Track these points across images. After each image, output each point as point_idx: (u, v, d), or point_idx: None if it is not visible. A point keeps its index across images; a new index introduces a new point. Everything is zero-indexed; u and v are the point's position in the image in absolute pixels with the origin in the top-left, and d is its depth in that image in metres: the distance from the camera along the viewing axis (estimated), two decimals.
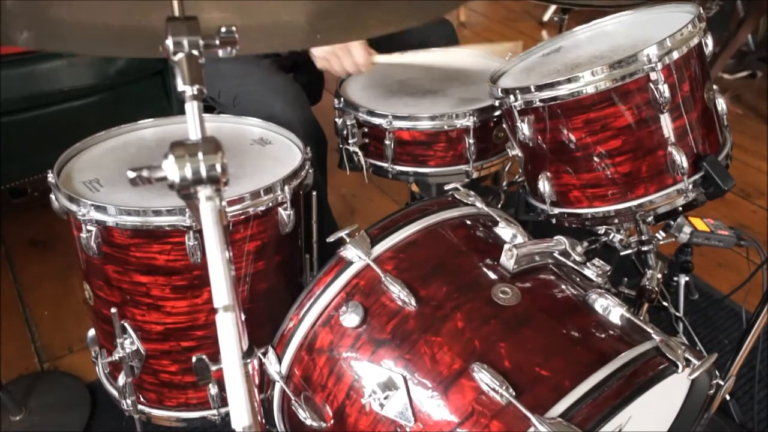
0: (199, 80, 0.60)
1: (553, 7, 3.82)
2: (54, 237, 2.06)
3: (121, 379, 1.14)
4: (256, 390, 0.78)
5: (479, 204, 1.08)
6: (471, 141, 1.36)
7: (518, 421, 0.76)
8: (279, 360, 0.99)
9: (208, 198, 0.58)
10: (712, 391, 0.97)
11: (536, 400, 0.78)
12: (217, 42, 0.64)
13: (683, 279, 1.63)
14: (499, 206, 1.25)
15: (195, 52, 0.61)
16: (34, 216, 2.12)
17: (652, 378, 0.81)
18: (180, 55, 0.61)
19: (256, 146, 1.28)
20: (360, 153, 1.42)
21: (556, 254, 1.01)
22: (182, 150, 0.57)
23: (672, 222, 1.51)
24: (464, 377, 0.83)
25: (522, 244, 0.97)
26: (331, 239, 1.01)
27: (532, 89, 1.13)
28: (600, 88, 1.08)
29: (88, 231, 1.04)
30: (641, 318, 0.93)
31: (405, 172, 1.43)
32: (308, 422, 0.93)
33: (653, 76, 1.07)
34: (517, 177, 1.41)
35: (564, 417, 0.76)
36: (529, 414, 0.75)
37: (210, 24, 0.62)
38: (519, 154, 1.28)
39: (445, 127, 1.36)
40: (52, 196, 1.10)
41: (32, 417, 1.49)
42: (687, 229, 1.50)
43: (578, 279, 0.99)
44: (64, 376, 1.61)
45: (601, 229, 1.40)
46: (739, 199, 2.32)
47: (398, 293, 0.91)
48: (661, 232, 1.50)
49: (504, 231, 1.05)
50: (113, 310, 1.06)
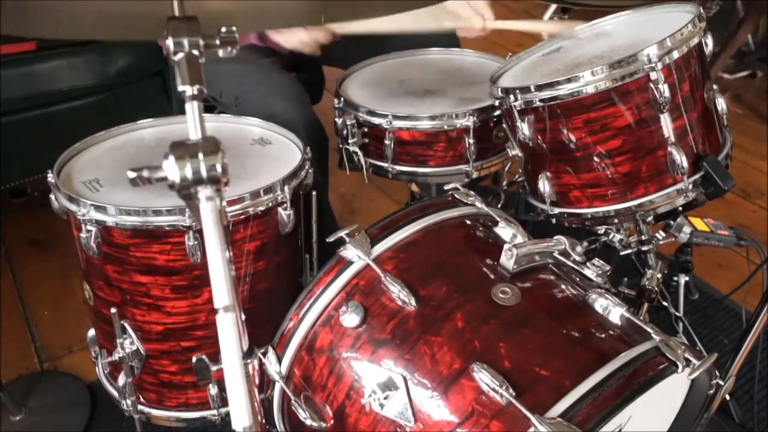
0: (199, 80, 0.60)
1: (553, 7, 3.82)
2: (54, 237, 2.06)
3: (121, 379, 1.14)
4: (256, 390, 0.78)
5: (479, 204, 1.08)
6: (471, 141, 1.36)
7: (518, 421, 0.76)
8: (279, 360, 0.99)
9: (209, 198, 0.58)
10: (712, 391, 0.97)
11: (536, 400, 0.78)
12: (217, 42, 0.64)
13: (683, 279, 1.63)
14: (499, 206, 1.25)
15: (195, 52, 0.61)
16: (34, 216, 2.12)
17: (652, 378, 0.81)
18: (180, 55, 0.61)
19: (257, 146, 1.28)
20: (360, 153, 1.42)
21: (556, 254, 1.01)
22: (182, 150, 0.57)
23: (672, 222, 1.51)
24: (464, 377, 0.83)
25: (522, 244, 0.97)
26: (331, 239, 1.01)
27: (532, 89, 1.13)
28: (600, 88, 1.08)
29: (88, 231, 1.04)
30: (641, 318, 0.93)
31: (405, 172, 1.43)
32: (308, 422, 0.93)
33: (653, 76, 1.07)
34: (517, 177, 1.40)
35: (564, 417, 0.76)
36: (529, 414, 0.75)
37: (214, 7, 0.61)
38: (519, 154, 1.28)
39: (445, 127, 1.36)
40: (52, 196, 1.10)
41: (32, 417, 1.49)
42: (687, 229, 1.50)
43: (578, 279, 0.99)
44: (64, 376, 1.61)
45: (601, 229, 1.40)
46: (739, 199, 2.32)
47: (398, 293, 0.91)
48: (661, 232, 1.50)
49: (504, 231, 1.05)
50: (113, 310, 1.06)
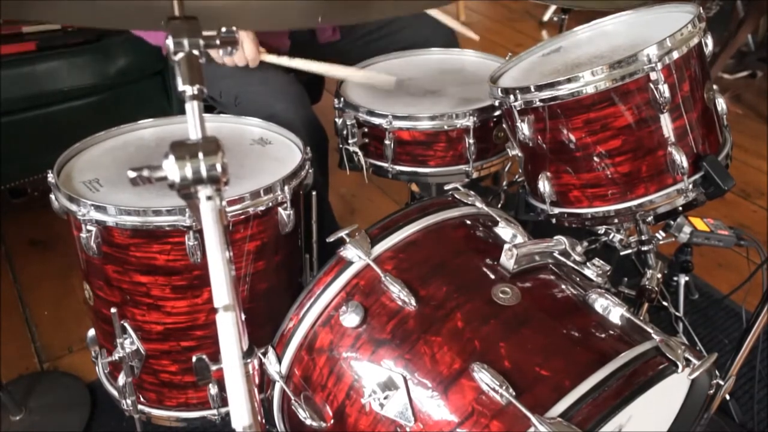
0: (199, 80, 0.60)
1: (553, 7, 3.82)
2: (54, 237, 2.06)
3: (121, 379, 1.14)
4: (256, 390, 0.78)
5: (479, 204, 1.08)
6: (471, 141, 1.36)
7: (518, 421, 0.76)
8: (279, 360, 0.99)
9: (209, 198, 0.58)
10: (712, 391, 0.97)
11: (536, 400, 0.78)
12: (218, 42, 0.64)
13: (683, 279, 1.63)
14: (499, 206, 1.25)
15: (195, 52, 0.61)
16: (34, 216, 2.12)
17: (652, 378, 0.81)
18: (180, 55, 0.61)
19: (256, 146, 1.28)
20: (360, 153, 1.42)
21: (556, 254, 1.02)
22: (183, 150, 0.57)
23: (672, 222, 1.51)
24: (464, 377, 0.83)
25: (522, 244, 0.97)
26: (331, 239, 1.01)
27: (532, 89, 1.13)
28: (600, 88, 1.08)
29: (88, 231, 1.04)
30: (641, 318, 0.93)
31: (405, 172, 1.43)
32: (308, 422, 0.93)
33: (653, 76, 1.07)
34: (517, 177, 1.41)
35: (564, 417, 0.76)
36: (529, 414, 0.75)
37: (212, 4, 0.61)
38: (519, 154, 1.28)
39: (445, 127, 1.36)
40: (52, 196, 1.10)
41: (32, 417, 1.49)
42: (687, 229, 1.50)
43: (578, 279, 0.99)
44: (64, 376, 1.61)
45: (601, 229, 1.40)
46: (739, 199, 2.32)
47: (398, 293, 0.91)
48: (661, 232, 1.50)
49: (504, 231, 1.05)
50: (113, 310, 1.06)
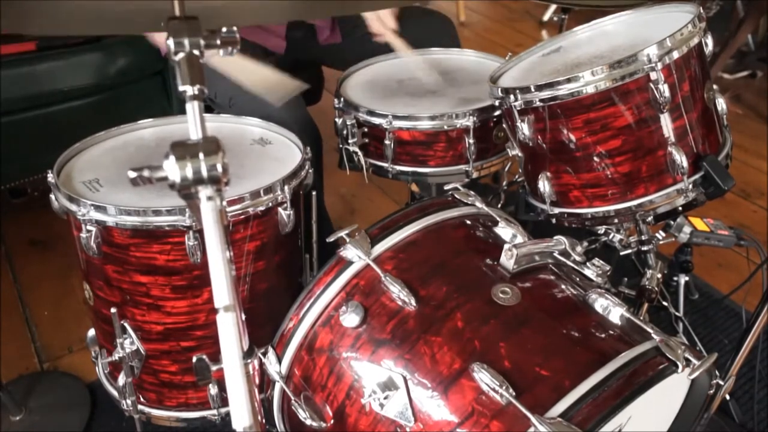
0: (200, 80, 0.60)
1: (553, 7, 3.82)
2: (54, 237, 2.06)
3: (121, 379, 1.14)
4: (256, 390, 0.78)
5: (479, 204, 1.08)
6: (471, 141, 1.36)
7: (518, 421, 0.76)
8: (279, 360, 0.99)
9: (209, 198, 0.58)
10: (712, 391, 0.97)
11: (536, 400, 0.78)
12: (218, 42, 0.64)
13: (683, 279, 1.63)
14: (499, 206, 1.25)
15: (196, 52, 0.61)
16: (34, 216, 2.12)
17: (652, 378, 0.81)
18: (181, 55, 0.61)
19: (256, 146, 1.28)
20: (360, 153, 1.42)
21: (556, 254, 1.01)
22: (183, 150, 0.57)
23: (672, 222, 1.51)
24: (464, 377, 0.83)
25: (522, 244, 0.97)
26: (331, 239, 1.01)
27: (532, 89, 1.13)
28: (600, 88, 1.08)
29: (88, 231, 1.04)
30: (641, 318, 0.93)
31: (405, 172, 1.42)
32: (308, 422, 0.93)
33: (653, 76, 1.07)
34: (517, 177, 1.41)
35: (564, 417, 0.76)
36: (529, 414, 0.75)
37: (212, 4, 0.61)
38: (519, 154, 1.28)
39: (445, 127, 1.36)
40: (52, 196, 1.10)
41: (32, 417, 1.49)
42: (687, 229, 1.50)
43: (578, 279, 0.99)
44: (64, 376, 1.61)
45: (601, 229, 1.40)
46: (739, 199, 2.32)
47: (398, 293, 0.91)
48: (661, 232, 1.50)
49: (504, 231, 1.05)
50: (113, 310, 1.06)
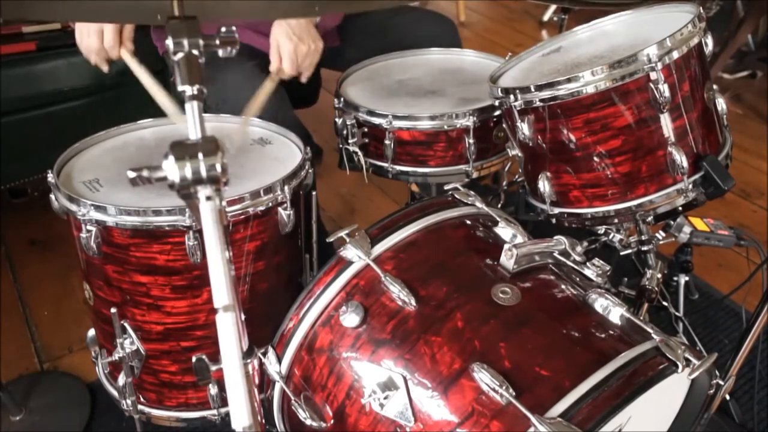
0: (200, 80, 0.60)
1: (553, 7, 3.82)
2: (54, 237, 2.06)
3: (121, 379, 1.14)
4: (256, 390, 0.78)
5: (479, 204, 1.08)
6: (471, 141, 1.36)
7: (518, 421, 0.76)
8: (279, 360, 0.99)
9: (208, 198, 0.58)
10: (712, 391, 0.97)
11: (536, 400, 0.78)
12: (217, 42, 0.64)
13: (683, 279, 1.63)
14: (499, 206, 1.25)
15: (195, 52, 0.61)
16: (34, 216, 2.12)
17: (652, 378, 0.81)
18: (180, 55, 0.61)
19: (256, 146, 1.28)
20: (360, 153, 1.42)
21: (556, 254, 1.01)
22: (182, 150, 0.57)
23: (672, 222, 1.51)
24: (464, 377, 0.83)
25: (522, 244, 0.97)
26: (331, 239, 1.01)
27: (532, 89, 1.13)
28: (600, 88, 1.08)
29: (88, 231, 1.04)
30: (641, 318, 0.93)
31: (405, 172, 1.43)
32: (308, 422, 0.93)
33: (653, 76, 1.07)
34: (517, 177, 1.40)
35: (564, 417, 0.76)
36: (529, 414, 0.75)
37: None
38: (519, 154, 1.28)
39: (445, 127, 1.36)
40: (52, 196, 1.10)
41: (32, 417, 1.49)
42: (687, 229, 1.50)
43: (578, 279, 0.99)
44: (64, 376, 1.61)
45: (601, 229, 1.40)
46: (739, 199, 2.32)
47: (398, 293, 0.91)
48: (661, 232, 1.50)
49: (504, 231, 1.05)
50: (113, 310, 1.06)
